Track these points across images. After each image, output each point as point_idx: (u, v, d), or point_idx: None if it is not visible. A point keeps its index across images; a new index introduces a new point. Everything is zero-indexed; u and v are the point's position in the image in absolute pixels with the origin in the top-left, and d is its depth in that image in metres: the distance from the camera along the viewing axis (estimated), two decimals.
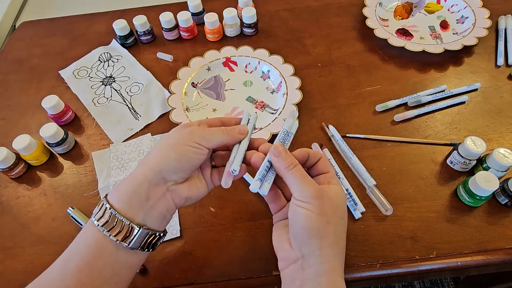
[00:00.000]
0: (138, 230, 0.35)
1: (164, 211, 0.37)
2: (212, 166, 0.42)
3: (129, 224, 0.34)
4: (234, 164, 0.39)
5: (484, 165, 0.51)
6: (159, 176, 0.36)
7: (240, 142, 0.40)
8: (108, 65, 0.75)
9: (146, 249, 0.36)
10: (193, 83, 0.68)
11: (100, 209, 0.35)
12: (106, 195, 0.36)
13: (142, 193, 0.35)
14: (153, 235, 0.36)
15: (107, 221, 0.34)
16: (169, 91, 0.66)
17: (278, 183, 0.41)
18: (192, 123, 0.40)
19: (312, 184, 0.35)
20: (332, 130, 0.59)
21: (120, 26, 0.74)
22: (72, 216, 0.53)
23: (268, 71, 0.68)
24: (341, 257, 0.36)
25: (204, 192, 0.41)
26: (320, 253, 0.34)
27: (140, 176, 0.36)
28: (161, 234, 0.38)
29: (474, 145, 0.50)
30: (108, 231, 0.34)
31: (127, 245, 0.34)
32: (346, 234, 0.38)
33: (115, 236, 0.34)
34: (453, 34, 0.72)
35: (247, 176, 0.55)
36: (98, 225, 0.34)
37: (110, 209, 0.34)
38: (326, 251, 0.34)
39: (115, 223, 0.34)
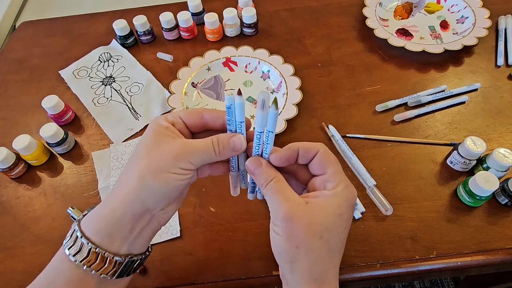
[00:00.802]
0: (123, 261, 0.32)
1: (149, 236, 0.34)
2: None
3: (113, 257, 0.31)
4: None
5: (484, 165, 0.51)
6: (143, 208, 0.32)
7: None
8: (108, 65, 0.75)
9: (132, 273, 0.34)
10: (193, 83, 0.68)
11: (74, 242, 0.31)
12: (79, 224, 0.32)
13: (125, 227, 0.32)
14: (139, 260, 0.34)
15: (86, 257, 0.31)
16: (169, 91, 0.66)
17: (289, 171, 0.36)
18: (171, 128, 0.33)
19: (285, 202, 0.31)
20: (332, 130, 0.59)
21: (120, 26, 0.74)
22: (72, 216, 0.53)
23: (268, 71, 0.68)
24: (319, 281, 0.31)
25: (187, 189, 0.37)
26: (292, 277, 0.32)
27: (120, 209, 0.31)
28: (147, 254, 0.36)
29: (474, 145, 0.50)
30: (89, 266, 0.31)
31: (112, 277, 0.32)
32: (335, 250, 0.32)
33: (98, 271, 0.31)
34: (453, 34, 0.72)
35: None
36: (76, 261, 0.30)
37: (88, 244, 0.31)
38: (298, 276, 0.31)
39: (96, 259, 0.31)
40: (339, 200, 0.32)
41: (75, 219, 0.52)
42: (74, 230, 0.32)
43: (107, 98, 0.69)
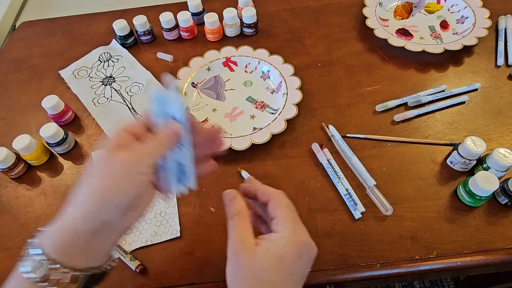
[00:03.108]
0: (83, 276, 0.31)
1: (109, 247, 0.34)
2: None
3: (73, 273, 0.31)
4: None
5: (484, 165, 0.51)
6: (100, 223, 0.31)
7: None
8: (108, 65, 0.75)
9: (98, 282, 0.34)
10: (193, 83, 0.68)
11: (30, 259, 0.30)
12: (33, 241, 0.31)
13: (82, 244, 0.31)
14: (101, 271, 0.34)
15: (45, 275, 0.30)
16: None
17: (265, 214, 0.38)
18: (124, 138, 0.34)
19: (236, 240, 0.33)
20: (332, 130, 0.59)
21: (120, 26, 0.74)
22: None
23: (268, 71, 0.68)
24: None
25: (153, 197, 0.36)
26: None
27: (79, 226, 0.31)
28: (110, 265, 0.35)
29: (474, 145, 0.50)
30: (45, 281, 0.30)
31: None
32: None
33: (54, 286, 0.30)
34: (453, 34, 0.72)
35: (244, 173, 0.55)
36: (32, 278, 0.30)
37: (47, 260, 0.30)
38: None
39: (55, 274, 0.30)
40: (282, 244, 0.33)
41: None
42: (31, 247, 0.31)
43: (107, 98, 0.69)
